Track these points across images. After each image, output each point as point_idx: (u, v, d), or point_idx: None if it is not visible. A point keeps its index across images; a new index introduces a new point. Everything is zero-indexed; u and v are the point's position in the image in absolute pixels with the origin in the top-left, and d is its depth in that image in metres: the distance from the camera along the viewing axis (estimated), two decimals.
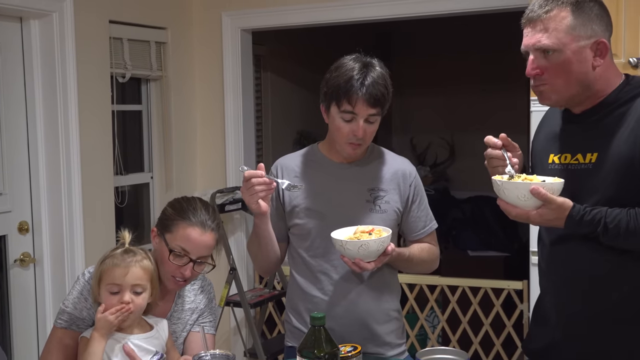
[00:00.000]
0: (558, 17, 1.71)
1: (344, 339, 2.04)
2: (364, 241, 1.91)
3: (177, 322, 2.06)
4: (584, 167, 1.77)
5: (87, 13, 3.47)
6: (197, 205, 1.99)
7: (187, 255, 1.94)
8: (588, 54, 1.72)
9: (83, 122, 3.46)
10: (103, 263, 1.87)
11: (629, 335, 1.74)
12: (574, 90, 1.75)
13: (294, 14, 4.05)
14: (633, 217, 1.65)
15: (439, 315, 4.13)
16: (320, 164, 2.17)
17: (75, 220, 3.43)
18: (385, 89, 2.04)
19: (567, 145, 1.83)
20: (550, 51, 1.71)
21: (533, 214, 1.70)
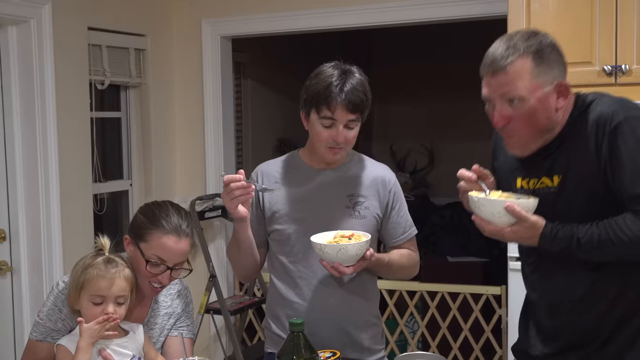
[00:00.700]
0: (520, 67, 1.71)
1: (323, 345, 2.05)
2: (342, 245, 1.92)
3: (154, 327, 2.05)
4: (552, 190, 1.79)
5: (65, 19, 3.45)
6: (170, 211, 1.97)
7: (164, 264, 1.93)
8: (551, 98, 1.75)
9: (61, 129, 3.44)
10: (85, 272, 1.84)
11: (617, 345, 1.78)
12: (540, 135, 1.78)
13: (274, 21, 4.06)
14: (602, 228, 1.68)
15: (418, 320, 4.15)
16: (300, 170, 2.18)
17: (53, 228, 3.40)
18: (364, 95, 2.05)
19: (531, 169, 1.85)
20: (516, 100, 1.72)
21: (507, 231, 1.72)
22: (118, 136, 4.12)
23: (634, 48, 2.73)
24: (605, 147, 1.69)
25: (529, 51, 1.73)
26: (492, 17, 3.54)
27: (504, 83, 1.73)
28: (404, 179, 6.39)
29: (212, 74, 4.20)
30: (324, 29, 4.02)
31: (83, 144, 3.62)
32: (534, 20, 2.87)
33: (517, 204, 1.68)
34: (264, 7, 4.05)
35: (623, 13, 2.74)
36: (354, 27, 4.00)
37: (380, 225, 2.18)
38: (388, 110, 6.71)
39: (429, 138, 6.73)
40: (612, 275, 1.75)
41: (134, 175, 4.13)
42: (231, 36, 4.25)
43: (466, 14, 3.67)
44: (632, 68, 2.74)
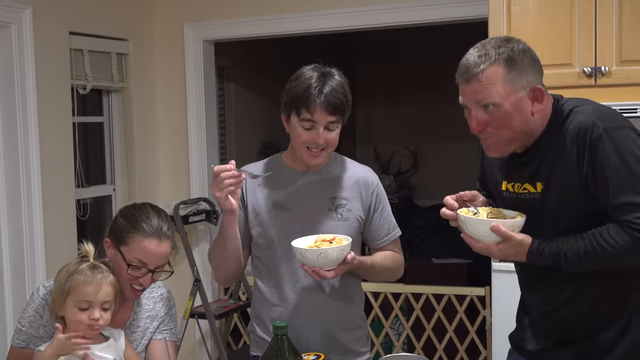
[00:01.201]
0: (493, 74, 1.75)
1: (308, 348, 2.05)
2: (322, 249, 1.92)
3: (137, 331, 2.04)
4: (535, 196, 1.83)
5: (46, 24, 3.44)
6: (150, 214, 1.96)
7: (145, 267, 1.93)
8: (526, 102, 1.77)
9: (43, 134, 3.42)
10: (71, 278, 1.84)
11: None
12: (518, 138, 1.80)
13: (257, 25, 4.06)
14: (587, 241, 1.71)
15: (403, 322, 4.16)
16: (283, 173, 2.18)
17: (35, 234, 3.38)
18: (344, 97, 2.05)
19: (515, 174, 1.88)
20: (491, 106, 1.76)
21: (494, 249, 1.76)
22: (101, 141, 4.10)
23: (613, 50, 2.76)
24: (587, 159, 1.72)
25: (501, 58, 1.76)
26: (473, 19, 3.56)
27: (478, 90, 1.77)
28: (388, 181, 6.40)
29: (195, 78, 4.20)
30: (307, 32, 4.03)
31: (65, 149, 3.61)
32: (514, 23, 2.89)
33: (502, 224, 1.72)
34: (246, 10, 4.05)
35: (602, 15, 2.76)
36: (337, 31, 4.02)
37: (364, 227, 2.19)
38: (372, 112, 6.73)
39: (412, 140, 6.75)
40: (597, 275, 1.78)
41: (117, 180, 4.11)
42: (213, 40, 4.24)
43: (448, 17, 3.70)
44: (611, 70, 2.76)
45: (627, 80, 2.72)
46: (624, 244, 1.68)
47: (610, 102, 2.24)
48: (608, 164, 1.69)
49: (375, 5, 3.79)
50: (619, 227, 1.69)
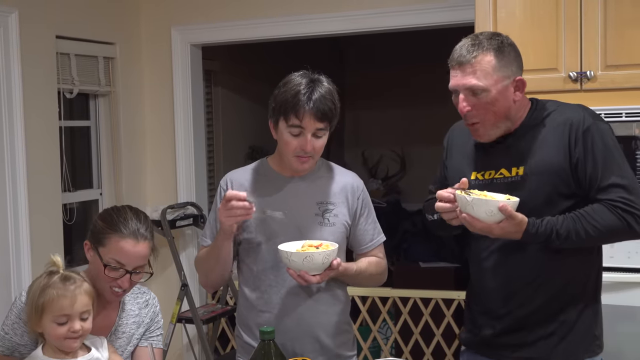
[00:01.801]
0: (484, 61, 1.94)
1: (295, 353, 2.05)
2: (308, 253, 1.93)
3: (122, 337, 2.03)
4: (512, 179, 1.99)
5: (32, 28, 3.43)
6: (128, 215, 1.96)
7: (123, 268, 1.92)
8: (510, 90, 1.96)
9: (29, 138, 3.41)
10: (44, 294, 1.80)
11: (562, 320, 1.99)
12: (501, 122, 1.98)
13: (245, 29, 4.06)
14: (577, 220, 1.89)
15: (391, 327, 4.16)
16: (269, 178, 2.18)
17: (22, 239, 3.36)
18: (332, 103, 2.06)
19: (488, 163, 2.04)
20: (479, 91, 1.93)
21: (496, 228, 1.87)
22: (87, 145, 4.08)
23: (599, 55, 2.77)
24: (579, 146, 1.91)
25: (492, 48, 1.95)
26: (460, 24, 3.57)
27: (469, 73, 1.94)
28: (376, 185, 6.41)
29: (182, 82, 4.19)
30: (295, 36, 4.03)
31: (52, 153, 3.59)
32: (500, 28, 2.90)
33: (508, 204, 1.83)
34: (234, 15, 4.04)
35: (587, 20, 2.78)
36: (325, 35, 4.02)
37: (349, 232, 2.19)
38: (360, 117, 6.74)
39: (400, 144, 6.76)
40: (565, 260, 1.95)
41: (104, 184, 4.10)
42: (201, 44, 4.24)
43: (435, 22, 3.71)
44: (597, 74, 2.78)
45: (612, 85, 2.73)
46: (610, 222, 1.87)
47: (596, 107, 2.28)
48: (598, 151, 1.91)
49: (363, 10, 3.80)
50: (604, 208, 1.88)
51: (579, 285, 1.99)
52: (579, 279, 1.99)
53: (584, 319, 1.99)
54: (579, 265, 1.98)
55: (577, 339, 1.98)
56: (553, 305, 1.97)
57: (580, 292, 1.99)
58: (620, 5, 2.75)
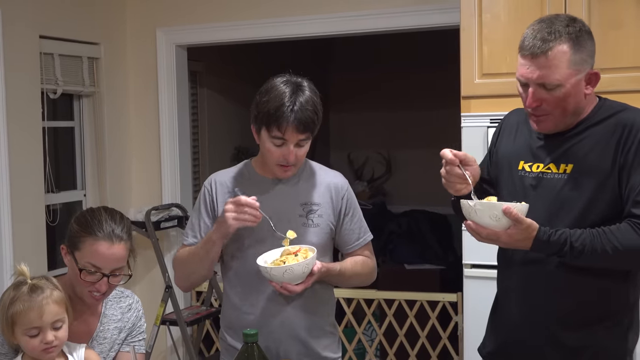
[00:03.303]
0: (560, 53, 1.77)
1: (279, 355, 2.04)
2: (287, 266, 1.92)
3: (104, 342, 2.00)
4: (558, 176, 1.86)
5: (15, 28, 3.40)
6: (103, 217, 1.92)
7: (99, 271, 1.88)
8: (582, 84, 1.83)
9: (12, 139, 3.38)
10: (12, 306, 1.75)
11: (586, 337, 1.86)
12: (569, 116, 1.85)
13: (229, 31, 4.05)
14: (596, 237, 1.74)
15: (376, 328, 4.16)
16: (253, 181, 2.17)
17: (4, 240, 3.33)
18: (314, 114, 2.05)
19: (539, 155, 1.91)
20: (553, 86, 1.79)
21: (503, 235, 1.75)
22: (71, 146, 4.06)
23: None
24: (633, 149, 1.77)
25: (570, 37, 1.79)
26: (445, 27, 3.58)
27: (542, 66, 1.78)
28: (362, 187, 6.40)
29: (168, 82, 4.18)
30: (281, 38, 4.03)
31: (35, 154, 3.57)
32: (485, 31, 2.91)
33: (514, 207, 1.73)
34: (219, 16, 4.04)
35: None
36: (310, 37, 4.01)
37: (335, 232, 2.18)
38: (345, 118, 6.73)
39: (386, 147, 6.77)
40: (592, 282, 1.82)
41: (88, 185, 4.07)
42: (186, 45, 4.22)
43: (421, 24, 3.71)
44: None
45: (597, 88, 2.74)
46: (633, 243, 1.72)
47: None
48: None
49: (351, 12, 3.80)
50: (631, 228, 1.73)
51: (609, 305, 1.85)
52: (608, 300, 1.85)
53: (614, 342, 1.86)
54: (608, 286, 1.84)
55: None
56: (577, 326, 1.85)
57: (613, 313, 1.86)
58: (604, 8, 2.76)
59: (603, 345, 1.86)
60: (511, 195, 1.87)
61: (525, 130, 1.99)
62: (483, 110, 2.89)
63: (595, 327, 1.85)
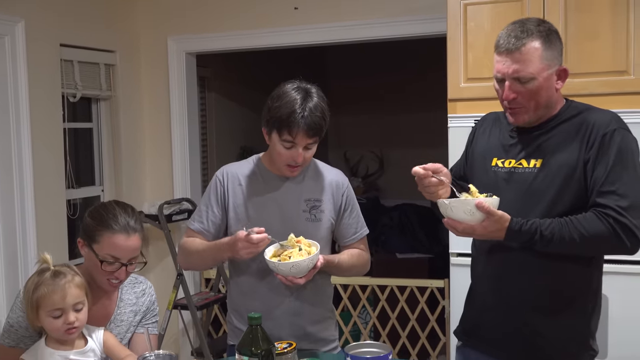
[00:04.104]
0: (532, 49, 1.79)
1: (280, 337, 2.03)
2: (294, 262, 1.91)
3: (121, 324, 2.00)
4: (529, 171, 1.86)
5: (38, 37, 3.39)
6: (116, 211, 1.91)
7: (118, 261, 1.88)
8: (553, 79, 1.83)
9: (35, 139, 3.37)
10: (37, 291, 1.76)
11: (551, 318, 1.85)
12: (542, 109, 1.85)
13: (236, 39, 4.04)
14: (564, 225, 1.74)
15: (370, 312, 4.15)
16: (261, 175, 2.16)
17: (28, 232, 3.32)
18: (322, 120, 2.03)
19: (511, 152, 1.92)
20: (527, 79, 1.80)
21: (478, 228, 1.75)
22: (90, 145, 4.05)
23: None
24: (596, 145, 1.77)
25: (540, 35, 1.80)
26: (433, 35, 3.57)
27: (517, 61, 1.80)
28: (356, 183, 6.40)
29: (178, 87, 4.17)
30: (282, 46, 4.02)
31: (56, 153, 3.55)
32: (470, 38, 2.90)
33: (485, 201, 1.73)
34: (226, 25, 4.03)
35: None
36: (309, 45, 4.00)
37: (334, 226, 2.17)
38: (342, 120, 6.72)
39: (379, 146, 6.76)
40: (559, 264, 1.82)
41: (105, 181, 4.06)
42: (195, 52, 4.21)
43: (411, 33, 3.70)
44: None
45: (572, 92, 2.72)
46: (597, 231, 1.71)
47: None
48: (612, 153, 1.75)
49: (346, 22, 3.79)
50: (596, 216, 1.72)
51: (575, 290, 1.85)
52: (573, 285, 1.84)
53: (579, 322, 1.85)
54: (575, 271, 1.83)
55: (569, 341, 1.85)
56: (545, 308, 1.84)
57: (577, 297, 1.85)
58: (579, 20, 2.75)
59: (569, 328, 1.85)
60: (486, 189, 1.85)
61: (498, 130, 1.99)
62: (468, 111, 2.88)
63: (561, 311, 1.85)
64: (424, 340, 3.96)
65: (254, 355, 1.60)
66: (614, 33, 2.71)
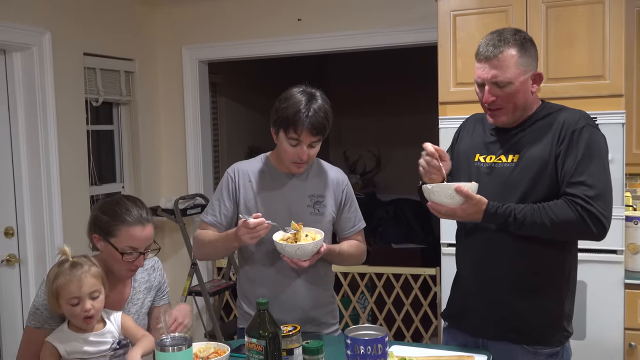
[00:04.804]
0: (509, 56, 1.81)
1: (286, 321, 2.03)
2: (300, 245, 1.92)
3: (137, 303, 1.99)
4: (507, 165, 1.88)
5: (63, 46, 3.39)
6: (128, 205, 1.87)
7: (136, 251, 1.87)
8: (529, 83, 1.85)
9: (61, 140, 3.37)
10: (56, 281, 1.76)
11: (526, 299, 1.86)
12: (519, 110, 1.87)
13: (244, 48, 4.04)
14: (536, 211, 1.76)
15: (368, 298, 4.16)
16: (269, 173, 2.16)
17: (55, 225, 3.33)
18: (325, 120, 2.03)
19: (491, 149, 1.94)
20: (504, 84, 1.82)
21: (458, 210, 1.78)
22: (111, 146, 4.05)
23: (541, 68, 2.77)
24: (565, 141, 1.79)
25: (516, 43, 1.82)
26: (426, 44, 3.57)
27: (495, 67, 1.82)
28: (355, 179, 6.40)
29: (192, 92, 4.17)
30: (287, 54, 4.01)
31: (80, 153, 3.56)
32: (459, 47, 2.90)
33: (464, 186, 1.76)
34: (235, 35, 4.03)
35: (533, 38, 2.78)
36: (312, 53, 4.00)
37: (335, 219, 2.18)
38: (342, 122, 6.72)
39: (376, 146, 6.76)
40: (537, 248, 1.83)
41: (125, 178, 4.07)
42: (207, 60, 4.21)
43: (405, 42, 3.70)
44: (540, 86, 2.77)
45: (553, 95, 2.73)
46: (566, 217, 1.73)
47: None
48: (580, 148, 1.77)
49: (346, 32, 3.79)
50: (565, 204, 1.74)
51: (549, 273, 1.85)
52: (548, 268, 1.85)
53: (555, 305, 1.86)
54: (551, 255, 1.84)
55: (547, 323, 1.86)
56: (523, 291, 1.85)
57: (552, 280, 1.86)
58: (559, 29, 2.75)
59: (544, 309, 1.86)
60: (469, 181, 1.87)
61: (480, 130, 2.01)
62: (458, 113, 2.89)
63: (537, 294, 1.86)
64: (418, 323, 3.96)
65: (261, 338, 1.60)
66: (590, 41, 2.71)
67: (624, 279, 2.71)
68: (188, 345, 1.56)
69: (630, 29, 2.92)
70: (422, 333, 3.97)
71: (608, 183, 1.79)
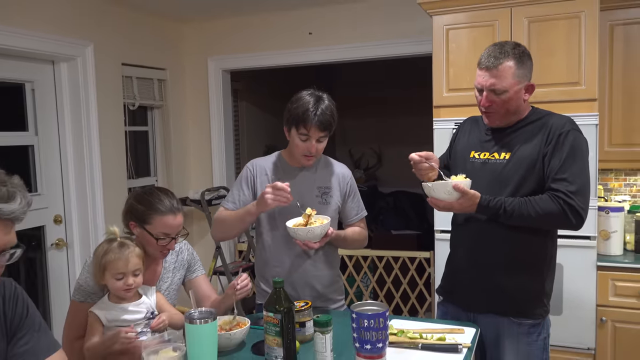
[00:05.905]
0: (507, 67, 1.81)
1: (298, 297, 2.04)
2: (310, 228, 1.91)
3: (167, 280, 1.99)
4: (499, 161, 1.88)
5: (104, 57, 3.40)
6: (160, 195, 1.87)
7: (169, 236, 1.87)
8: (522, 92, 1.85)
9: (102, 139, 3.39)
10: (105, 256, 1.77)
11: (512, 278, 1.87)
12: (511, 115, 1.87)
13: (261, 58, 4.03)
14: (523, 204, 1.77)
15: (370, 277, 4.15)
16: (283, 167, 2.16)
17: (97, 213, 3.35)
18: (331, 117, 2.03)
19: (486, 147, 1.94)
20: (500, 91, 1.82)
21: (455, 204, 1.79)
22: (146, 144, 4.06)
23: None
24: (553, 142, 1.80)
25: (515, 56, 1.82)
26: (421, 54, 3.55)
27: (494, 76, 1.82)
28: (359, 174, 6.39)
29: (216, 98, 4.17)
30: (300, 64, 4.01)
31: (119, 151, 3.57)
32: (451, 57, 2.88)
33: (460, 183, 1.76)
34: (254, 47, 4.02)
35: None
36: (323, 62, 3.99)
37: (340, 208, 2.17)
38: (346, 123, 6.71)
39: (377, 144, 6.74)
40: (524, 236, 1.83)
41: (158, 173, 4.08)
42: (230, 69, 4.21)
43: (403, 53, 3.68)
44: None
45: (534, 99, 2.70)
46: (550, 209, 1.74)
47: None
48: (565, 149, 1.78)
49: (352, 44, 3.77)
50: (550, 198, 1.75)
51: (533, 257, 1.85)
52: (533, 253, 1.85)
53: (535, 284, 1.85)
54: (534, 242, 1.84)
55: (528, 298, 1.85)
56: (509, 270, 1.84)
57: (535, 263, 1.86)
58: (540, 41, 2.72)
59: (527, 287, 1.86)
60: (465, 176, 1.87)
61: (476, 130, 2.01)
62: (450, 116, 2.87)
63: (521, 273, 1.86)
64: (414, 300, 3.96)
65: (277, 312, 1.60)
66: (568, 52, 2.68)
67: (596, 261, 2.69)
68: (213, 319, 1.56)
69: (604, 41, 2.89)
70: (418, 309, 3.96)
71: (587, 181, 1.78)
